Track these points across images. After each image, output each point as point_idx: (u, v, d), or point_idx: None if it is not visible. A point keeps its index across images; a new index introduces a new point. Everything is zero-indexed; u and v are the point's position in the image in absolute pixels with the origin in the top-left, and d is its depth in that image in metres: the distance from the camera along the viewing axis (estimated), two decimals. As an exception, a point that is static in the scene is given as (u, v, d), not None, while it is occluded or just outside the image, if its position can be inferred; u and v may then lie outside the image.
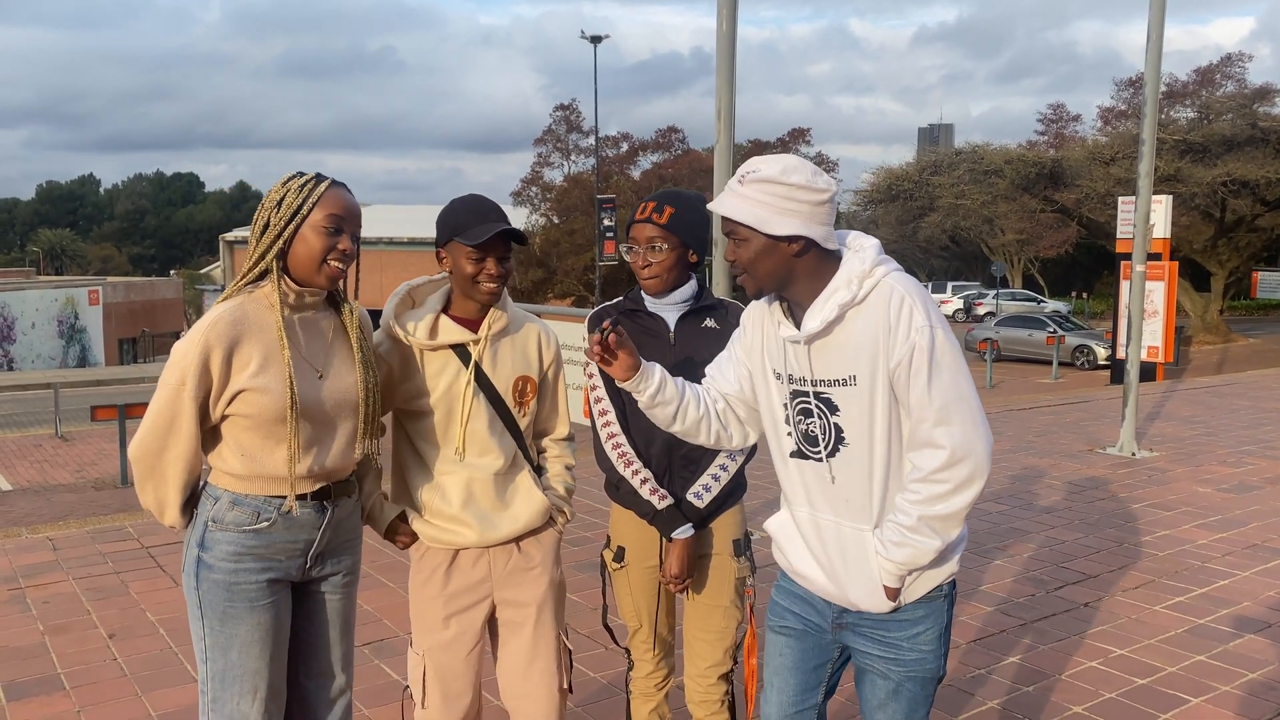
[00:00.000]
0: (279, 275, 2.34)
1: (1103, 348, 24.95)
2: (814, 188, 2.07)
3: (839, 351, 2.12)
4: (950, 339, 2.09)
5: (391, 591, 5.07)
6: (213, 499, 2.38)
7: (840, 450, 2.16)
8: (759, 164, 2.10)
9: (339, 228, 2.33)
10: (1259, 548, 5.87)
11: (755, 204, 2.08)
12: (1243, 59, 32.42)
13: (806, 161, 2.11)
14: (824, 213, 2.10)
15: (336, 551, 2.54)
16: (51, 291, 37.73)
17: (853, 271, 2.10)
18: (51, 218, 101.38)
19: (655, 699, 2.91)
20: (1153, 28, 8.51)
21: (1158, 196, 14.55)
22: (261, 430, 2.32)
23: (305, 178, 2.35)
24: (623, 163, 45.66)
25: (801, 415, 2.21)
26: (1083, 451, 8.82)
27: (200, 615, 2.38)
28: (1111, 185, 27.97)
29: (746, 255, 2.12)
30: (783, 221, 2.07)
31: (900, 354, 2.05)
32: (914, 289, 2.10)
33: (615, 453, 2.74)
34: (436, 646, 2.64)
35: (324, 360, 2.42)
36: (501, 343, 2.64)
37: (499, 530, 2.62)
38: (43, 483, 10.70)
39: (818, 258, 2.13)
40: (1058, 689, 4.01)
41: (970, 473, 2.06)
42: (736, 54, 5.99)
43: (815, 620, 2.34)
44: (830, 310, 2.09)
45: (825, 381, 2.15)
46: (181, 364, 2.27)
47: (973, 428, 2.07)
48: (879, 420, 2.11)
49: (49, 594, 5.07)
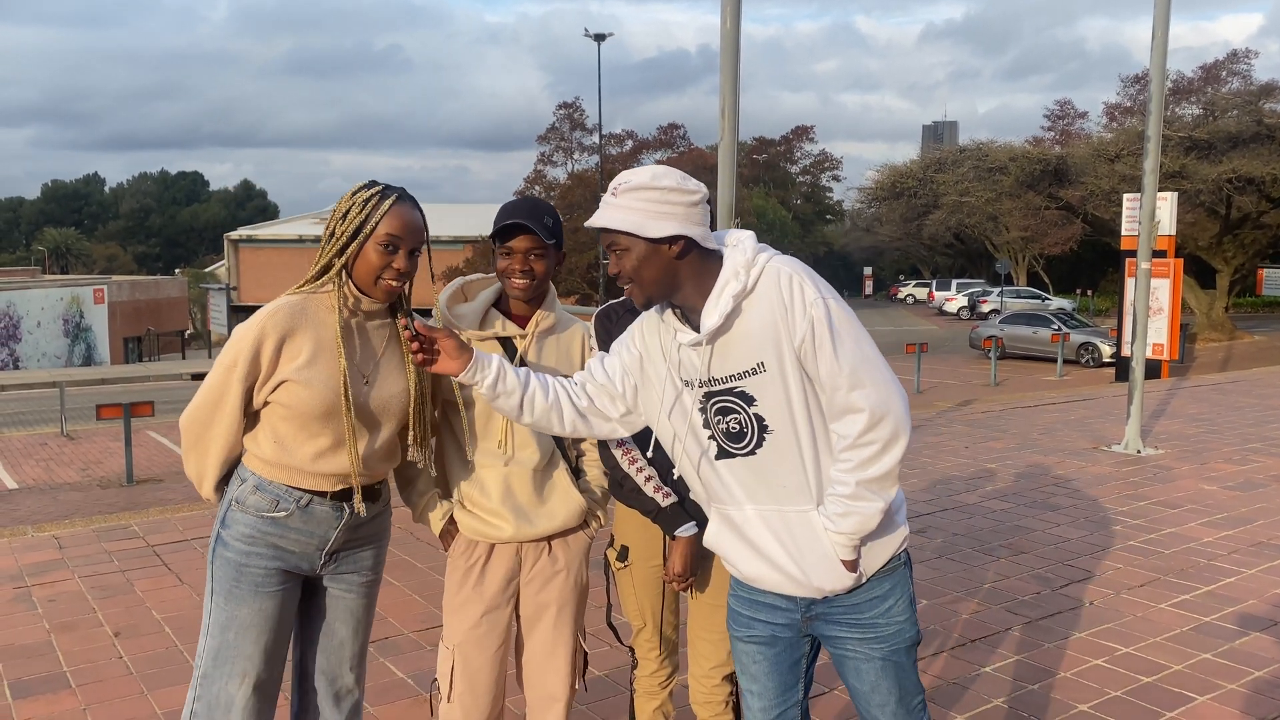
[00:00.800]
0: (340, 280, 2.41)
1: (1108, 345, 24.89)
2: (685, 189, 2.15)
3: (742, 343, 2.17)
4: (843, 307, 2.15)
5: (398, 590, 5.08)
6: (240, 480, 2.45)
7: (766, 439, 2.19)
8: (628, 175, 2.18)
9: (396, 246, 2.38)
10: (1265, 545, 5.86)
11: (631, 211, 2.15)
12: (1248, 56, 32.37)
13: (672, 168, 2.20)
14: (698, 213, 2.17)
15: (355, 551, 2.58)
16: (57, 290, 37.80)
17: (737, 263, 2.17)
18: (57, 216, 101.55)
19: (659, 697, 2.91)
20: (1158, 25, 8.49)
21: (1163, 193, 14.51)
22: (297, 423, 2.38)
23: (372, 191, 2.40)
24: (626, 160, 45.67)
25: (719, 414, 2.23)
26: (1088, 449, 8.81)
27: (211, 590, 2.45)
28: (1116, 182, 27.92)
29: (630, 264, 2.17)
30: (660, 225, 2.13)
31: (802, 330, 2.11)
32: (798, 267, 2.17)
33: (619, 450, 2.74)
34: (468, 642, 2.68)
35: (373, 367, 2.48)
36: (547, 341, 2.71)
37: (535, 527, 2.67)
38: (48, 481, 10.73)
39: (700, 259, 2.18)
40: (1063, 687, 4.00)
41: (893, 429, 2.13)
42: (741, 51, 5.99)
43: (782, 623, 2.35)
44: (726, 303, 2.14)
45: (735, 375, 2.19)
46: (236, 346, 2.35)
47: (885, 386, 2.13)
48: (795, 400, 2.15)
49: (55, 592, 5.08)
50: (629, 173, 2.18)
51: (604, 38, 38.24)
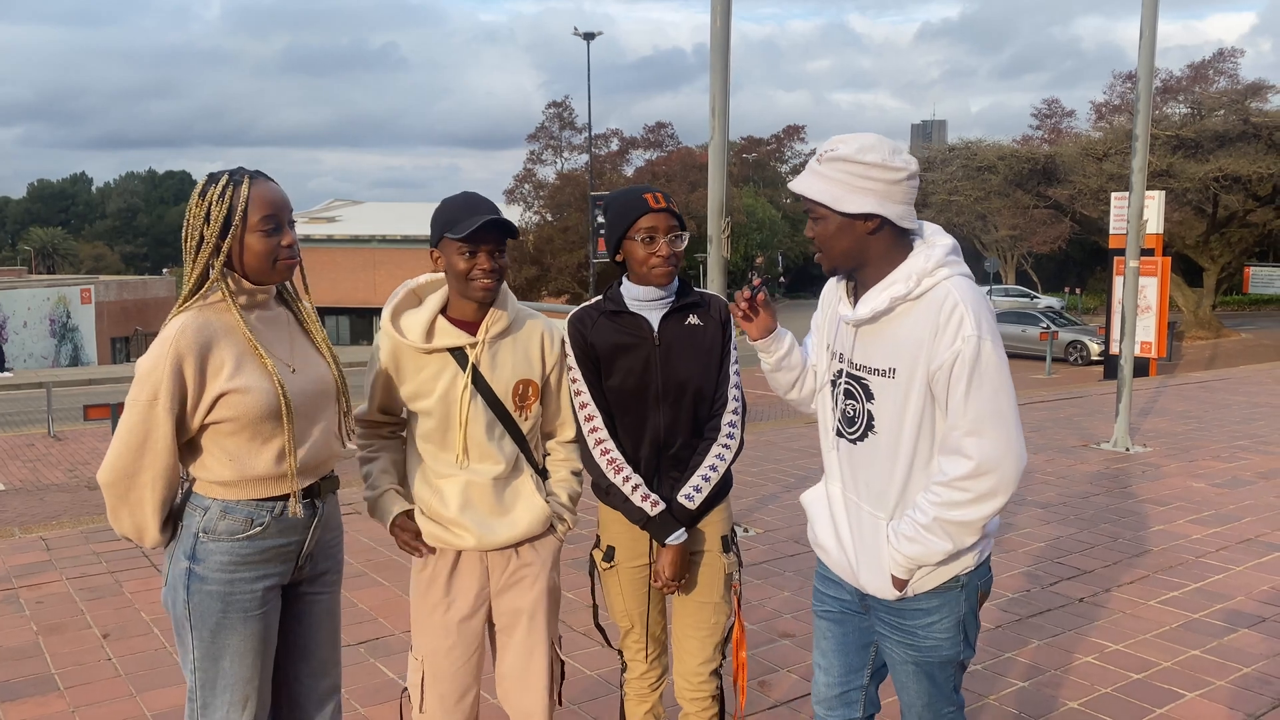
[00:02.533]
0: (227, 278, 2.30)
1: (1096, 343, 25.00)
2: (890, 165, 2.08)
3: (883, 342, 2.15)
4: (998, 353, 2.08)
5: (387, 590, 5.06)
6: (201, 509, 2.32)
7: (869, 436, 2.20)
8: (836, 142, 2.12)
9: (277, 224, 2.29)
10: (1252, 542, 5.89)
11: (831, 182, 2.10)
12: (1235, 55, 32.53)
13: (886, 140, 2.11)
14: (900, 191, 2.11)
15: (324, 550, 2.52)
16: (43, 290, 37.57)
17: (915, 267, 2.11)
18: (43, 216, 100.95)
19: (650, 699, 2.89)
20: (1145, 24, 8.52)
21: (1150, 192, 14.57)
22: (247, 431, 2.28)
23: (222, 182, 2.27)
24: (614, 160, 45.64)
25: (845, 395, 2.26)
26: (1077, 447, 8.84)
27: (190, 627, 2.32)
28: (1104, 181, 28.02)
29: (823, 233, 2.16)
30: (857, 199, 2.09)
31: (943, 359, 2.06)
32: (971, 297, 2.10)
33: (604, 459, 2.69)
34: (436, 653, 2.63)
35: (290, 355, 2.40)
36: (502, 344, 2.59)
37: (497, 536, 2.60)
38: (35, 482, 10.66)
39: (892, 239, 2.14)
40: (1053, 684, 4.01)
41: (993, 487, 2.07)
42: (732, 50, 5.99)
43: (848, 600, 2.38)
44: (882, 301, 2.12)
45: (866, 368, 2.19)
46: (152, 378, 2.20)
47: (1004, 444, 2.07)
48: (909, 416, 2.13)
49: (42, 594, 5.05)
50: (837, 139, 2.13)
51: (593, 36, 38.19)
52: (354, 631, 4.50)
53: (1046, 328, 25.24)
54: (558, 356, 2.70)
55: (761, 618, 4.69)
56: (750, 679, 4.01)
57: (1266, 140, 28.16)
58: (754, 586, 5.11)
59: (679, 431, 2.71)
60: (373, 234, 44.90)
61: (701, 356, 2.71)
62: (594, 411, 2.70)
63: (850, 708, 2.45)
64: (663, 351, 2.69)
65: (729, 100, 5.93)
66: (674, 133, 47.80)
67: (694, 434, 2.74)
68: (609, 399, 2.70)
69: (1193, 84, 32.30)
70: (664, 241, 2.62)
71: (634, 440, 2.71)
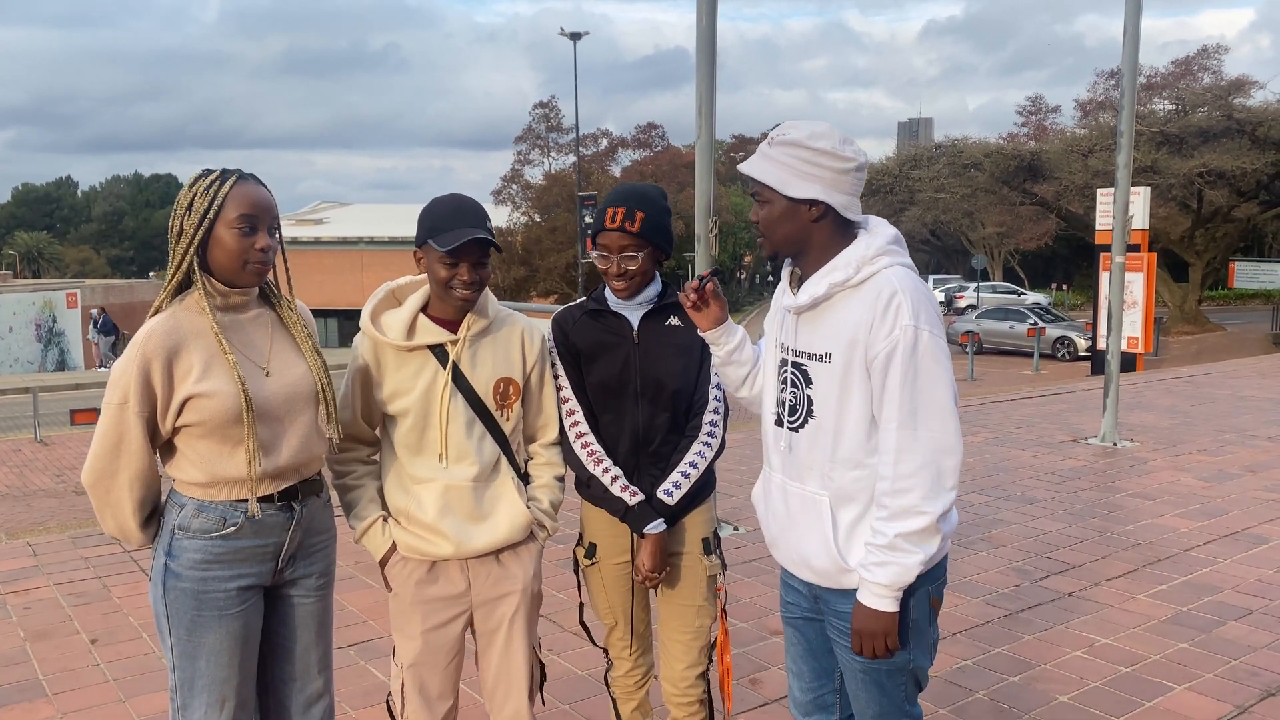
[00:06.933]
0: (202, 279, 2.29)
1: (1083, 339, 25.12)
2: (839, 154, 2.09)
3: (821, 328, 2.16)
4: (936, 343, 2.07)
5: (377, 592, 5.05)
6: (178, 506, 2.34)
7: (810, 423, 2.20)
8: (788, 127, 2.12)
9: (253, 225, 2.27)
10: (1239, 535, 5.92)
11: (779, 166, 2.11)
12: (1219, 51, 32.71)
13: (838, 130, 2.11)
14: (847, 181, 2.11)
15: (308, 553, 2.51)
16: (29, 295, 37.37)
17: (855, 254, 2.12)
18: (28, 220, 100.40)
19: (637, 697, 2.90)
20: (1129, 20, 8.56)
21: (1136, 188, 14.65)
22: (215, 435, 2.28)
23: (211, 176, 2.28)
24: (602, 160, 45.61)
25: (785, 383, 2.26)
26: (1065, 442, 8.87)
27: (167, 624, 2.34)
28: (1090, 177, 28.13)
29: (767, 216, 2.16)
30: (803, 185, 2.09)
31: (879, 348, 2.06)
32: (911, 286, 2.09)
33: (584, 451, 2.71)
34: (415, 660, 2.62)
35: (267, 357, 2.38)
36: (482, 343, 2.58)
37: (476, 542, 2.57)
38: (22, 487, 10.61)
39: (835, 228, 2.14)
40: (1043, 678, 4.03)
41: (933, 481, 2.05)
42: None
43: (806, 605, 2.36)
44: (821, 288, 2.12)
45: (805, 354, 2.19)
46: (122, 382, 2.22)
47: (941, 435, 2.06)
48: (846, 402, 2.13)
49: (29, 600, 5.02)
50: (790, 124, 2.13)
51: (579, 36, 38.15)
52: (344, 634, 4.49)
53: (1034, 324, 25.35)
54: (538, 355, 2.69)
55: (751, 615, 4.70)
56: (741, 676, 4.02)
57: (1250, 136, 28.33)
58: (744, 584, 5.11)
59: (658, 428, 2.73)
60: (360, 236, 44.80)
61: (680, 356, 2.73)
62: (575, 406, 2.74)
63: (826, 712, 2.43)
64: (641, 350, 2.71)
65: (715, 99, 5.93)
66: (664, 134, 47.81)
67: (674, 431, 2.76)
68: (590, 395, 2.73)
69: (1177, 80, 32.46)
70: (615, 259, 2.64)
71: (614, 436, 2.73)
